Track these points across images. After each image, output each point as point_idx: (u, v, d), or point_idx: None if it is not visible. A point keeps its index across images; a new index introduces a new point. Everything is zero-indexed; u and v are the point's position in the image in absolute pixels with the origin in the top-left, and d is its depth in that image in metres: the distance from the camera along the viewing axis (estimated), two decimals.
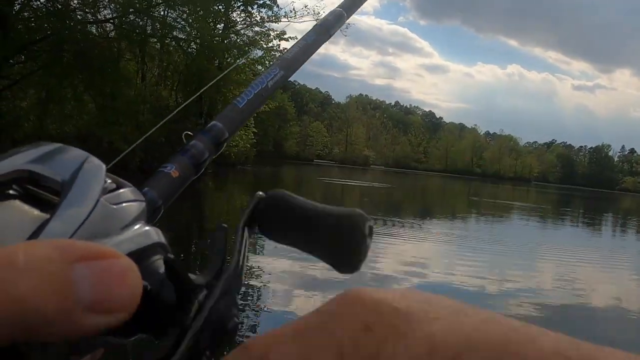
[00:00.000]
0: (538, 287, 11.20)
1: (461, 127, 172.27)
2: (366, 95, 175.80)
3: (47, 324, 0.31)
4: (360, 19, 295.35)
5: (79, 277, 0.32)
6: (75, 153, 0.45)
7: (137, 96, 35.56)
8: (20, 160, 0.43)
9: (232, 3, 38.59)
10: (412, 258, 13.01)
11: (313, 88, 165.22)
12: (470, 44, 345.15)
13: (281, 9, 73.04)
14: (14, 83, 26.16)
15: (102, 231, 0.41)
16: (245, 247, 0.47)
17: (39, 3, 27.73)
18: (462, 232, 20.37)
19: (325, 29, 1.10)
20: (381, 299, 0.30)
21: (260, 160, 67.00)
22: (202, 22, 34.92)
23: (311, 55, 1.06)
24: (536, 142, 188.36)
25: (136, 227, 0.43)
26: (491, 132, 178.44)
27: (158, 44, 36.98)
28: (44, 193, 0.43)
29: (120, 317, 0.33)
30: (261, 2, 38.55)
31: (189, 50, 37.43)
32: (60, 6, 27.77)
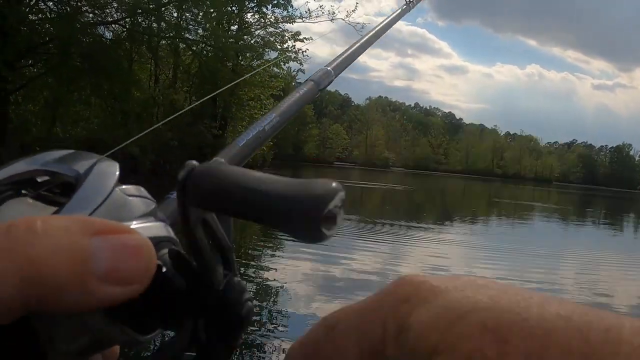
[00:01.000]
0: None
1: (481, 128, 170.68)
2: (386, 97, 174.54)
3: (62, 292, 0.32)
4: (378, 20, 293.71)
5: (95, 248, 0.33)
6: (89, 154, 0.47)
7: (149, 99, 34.72)
8: (36, 161, 0.45)
9: (246, 3, 37.45)
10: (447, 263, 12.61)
11: (332, 90, 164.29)
12: (489, 44, 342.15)
13: (296, 9, 72.26)
14: (20, 87, 25.39)
15: (117, 217, 0.42)
16: (226, 229, 0.45)
17: (45, 6, 26.93)
18: (502, 238, 19.46)
19: (315, 84, 1.22)
20: (424, 280, 0.35)
21: (279, 163, 66.25)
22: (211, 21, 34.09)
23: (303, 105, 1.16)
24: (557, 142, 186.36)
25: (149, 219, 0.44)
26: (511, 132, 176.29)
27: (171, 45, 36.06)
28: (56, 196, 0.45)
29: (134, 289, 0.35)
30: (275, 1, 37.33)
31: (204, 52, 36.51)
32: (68, 8, 26.92)
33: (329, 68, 1.28)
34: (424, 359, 0.31)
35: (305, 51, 39.40)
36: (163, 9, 30.38)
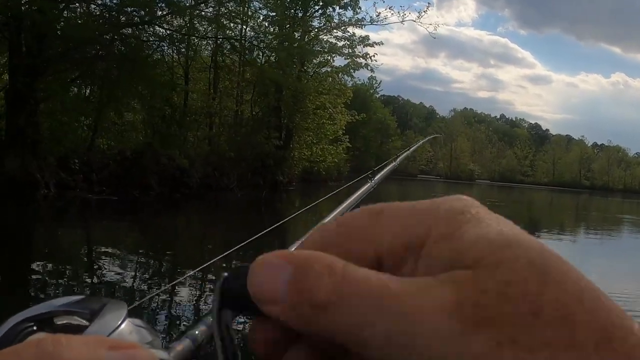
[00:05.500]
0: None
1: (568, 139, 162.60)
2: (471, 109, 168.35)
3: None
4: (459, 30, 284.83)
5: (110, 359, 0.37)
6: (99, 298, 0.52)
7: (203, 107, 31.27)
8: (55, 304, 0.50)
9: (311, 4, 33.44)
10: None
11: (417, 103, 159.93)
12: (572, 53, 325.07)
13: (367, 13, 68.33)
14: (50, 96, 22.02)
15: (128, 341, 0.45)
16: (229, 332, 0.45)
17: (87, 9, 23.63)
18: None
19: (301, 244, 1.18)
20: (482, 205, 0.36)
21: (359, 175, 62.32)
22: (273, 24, 30.79)
23: None
24: None
25: (155, 347, 0.48)
26: (599, 143, 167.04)
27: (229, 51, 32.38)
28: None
29: None
30: (342, 3, 33.25)
31: (271, 58, 33.00)
32: (113, 13, 23.54)
33: (302, 240, 1.27)
34: (460, 267, 0.31)
35: (374, 56, 35.59)
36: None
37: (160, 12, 24.18)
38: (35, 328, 0.47)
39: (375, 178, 2.40)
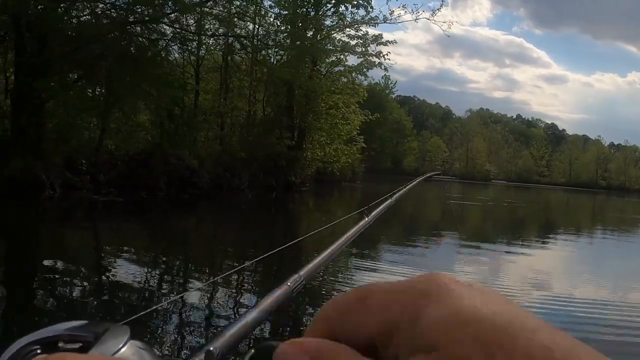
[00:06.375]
0: None
1: (585, 138, 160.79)
2: (487, 109, 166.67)
3: None
4: (474, 30, 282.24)
5: None
6: (103, 323, 0.53)
7: (214, 107, 30.63)
8: (60, 327, 0.51)
9: (323, 2, 32.76)
10: None
11: (433, 103, 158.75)
12: (588, 52, 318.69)
13: (380, 12, 67.89)
14: (53, 97, 21.38)
15: None
16: None
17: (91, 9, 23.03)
18: None
19: (289, 288, 1.35)
20: (445, 282, 0.37)
21: (374, 176, 61.77)
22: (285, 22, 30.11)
23: (279, 304, 1.28)
24: None
25: None
26: (615, 143, 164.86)
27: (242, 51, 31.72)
28: None
29: None
30: (355, 2, 32.56)
31: (283, 57, 32.39)
32: (121, 12, 22.93)
33: (300, 274, 1.42)
34: (422, 350, 0.34)
35: (387, 54, 34.91)
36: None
37: (168, 11, 23.60)
38: (39, 352, 0.49)
39: (371, 215, 2.43)
